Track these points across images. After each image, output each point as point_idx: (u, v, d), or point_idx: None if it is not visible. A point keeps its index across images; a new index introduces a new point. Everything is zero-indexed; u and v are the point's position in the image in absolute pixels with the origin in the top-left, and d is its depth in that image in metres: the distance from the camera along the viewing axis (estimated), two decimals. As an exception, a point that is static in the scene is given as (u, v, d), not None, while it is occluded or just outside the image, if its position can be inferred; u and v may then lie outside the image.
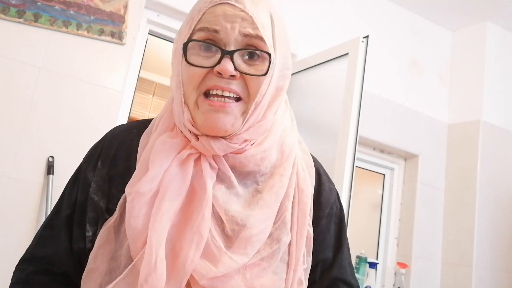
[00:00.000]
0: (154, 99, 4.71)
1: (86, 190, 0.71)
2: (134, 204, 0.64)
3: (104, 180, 0.71)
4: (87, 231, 0.70)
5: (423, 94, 2.93)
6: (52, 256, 0.71)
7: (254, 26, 0.64)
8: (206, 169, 0.66)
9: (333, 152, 1.92)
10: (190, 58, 0.65)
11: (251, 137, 0.68)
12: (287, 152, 0.72)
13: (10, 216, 1.73)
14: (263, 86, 0.65)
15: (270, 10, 0.68)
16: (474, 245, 2.64)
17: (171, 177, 0.65)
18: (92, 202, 0.70)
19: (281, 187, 0.69)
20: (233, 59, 0.63)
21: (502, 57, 2.98)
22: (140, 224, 0.63)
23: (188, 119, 0.66)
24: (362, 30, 2.50)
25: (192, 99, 0.66)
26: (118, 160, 0.72)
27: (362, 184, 3.16)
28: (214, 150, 0.66)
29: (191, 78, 0.65)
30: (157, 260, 0.60)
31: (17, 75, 1.81)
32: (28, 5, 1.84)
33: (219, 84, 0.63)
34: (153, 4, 2.19)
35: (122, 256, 0.65)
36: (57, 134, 1.84)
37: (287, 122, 0.75)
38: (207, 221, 0.63)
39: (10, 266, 1.79)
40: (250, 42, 0.65)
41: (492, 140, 2.83)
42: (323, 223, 0.76)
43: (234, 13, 0.64)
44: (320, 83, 2.18)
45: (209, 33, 0.64)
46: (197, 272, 0.62)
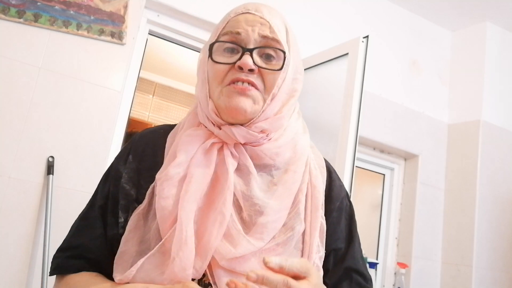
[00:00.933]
0: (154, 99, 4.71)
1: (118, 181, 0.78)
2: (163, 186, 0.71)
3: (134, 172, 0.78)
4: (119, 217, 0.76)
5: (423, 94, 2.93)
6: (87, 244, 0.77)
7: (271, 30, 0.74)
8: (228, 157, 0.73)
9: (333, 152, 1.92)
10: (215, 57, 0.74)
11: (269, 128, 0.75)
12: (299, 152, 0.79)
13: (10, 216, 1.73)
14: (279, 80, 0.74)
15: (284, 22, 0.79)
16: (474, 245, 2.64)
17: (197, 163, 0.73)
18: (123, 190, 0.77)
19: (294, 183, 0.75)
20: (252, 56, 0.72)
21: (502, 57, 2.98)
22: (170, 204, 0.70)
23: (212, 109, 0.74)
24: (362, 30, 2.50)
25: (217, 91, 0.74)
26: (146, 156, 0.80)
27: (362, 184, 3.16)
28: (235, 136, 0.73)
29: (216, 73, 0.74)
30: (187, 236, 0.67)
31: (17, 75, 1.81)
32: (28, 5, 1.84)
33: (240, 77, 0.72)
34: (153, 4, 2.19)
35: (151, 238, 0.72)
36: (57, 134, 1.84)
37: (299, 128, 0.83)
38: (229, 204, 0.70)
39: (10, 266, 1.79)
40: (268, 43, 0.74)
41: (492, 140, 2.83)
42: (334, 215, 0.81)
43: (254, 19, 0.74)
44: (320, 83, 2.18)
45: (232, 35, 0.74)
46: (218, 252, 0.68)
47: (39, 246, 1.75)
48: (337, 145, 1.92)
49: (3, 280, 1.69)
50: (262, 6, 0.77)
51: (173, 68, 4.37)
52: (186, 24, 2.30)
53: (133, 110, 2.58)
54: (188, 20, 2.29)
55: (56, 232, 1.75)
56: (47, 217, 1.73)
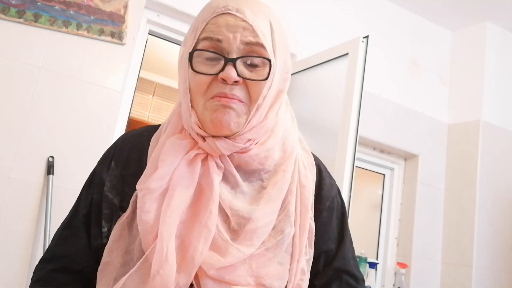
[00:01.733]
0: (154, 99, 4.71)
1: (101, 189, 0.75)
2: (145, 200, 0.68)
3: (117, 180, 0.76)
4: (103, 227, 0.74)
5: (423, 94, 2.93)
6: (72, 255, 0.75)
7: (254, 34, 0.68)
8: (213, 168, 0.70)
9: (333, 152, 1.92)
10: (196, 66, 0.69)
11: (254, 137, 0.72)
12: (289, 150, 0.76)
13: (10, 216, 1.73)
14: (264, 89, 0.69)
15: (269, 18, 0.72)
16: (474, 245, 2.64)
17: (180, 175, 0.69)
18: (106, 199, 0.74)
19: (285, 183, 0.73)
20: (235, 66, 0.67)
21: (502, 57, 2.98)
22: (151, 218, 0.67)
23: (195, 121, 0.70)
24: (362, 30, 2.50)
25: (201, 103, 0.70)
26: (131, 162, 0.77)
27: (362, 184, 3.16)
28: (220, 150, 0.69)
29: (198, 85, 0.69)
30: (168, 252, 0.64)
31: (17, 75, 1.81)
32: (28, 5, 1.84)
33: (224, 91, 0.67)
34: (153, 4, 2.19)
35: (135, 249, 0.69)
36: (57, 134, 1.84)
37: (288, 122, 0.79)
38: (214, 217, 0.67)
39: (10, 266, 1.78)
40: (252, 50, 0.69)
41: (492, 140, 2.83)
42: (324, 216, 0.79)
43: (236, 23, 0.68)
44: (320, 83, 2.17)
45: (212, 42, 0.68)
46: (206, 263, 0.65)
47: (39, 246, 1.75)
48: (337, 145, 1.92)
49: (3, 280, 1.69)
50: (244, 4, 0.69)
51: (173, 68, 4.36)
52: (186, 24, 2.30)
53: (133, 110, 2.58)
54: (188, 20, 2.29)
55: (56, 232, 1.75)
56: (47, 217, 1.73)
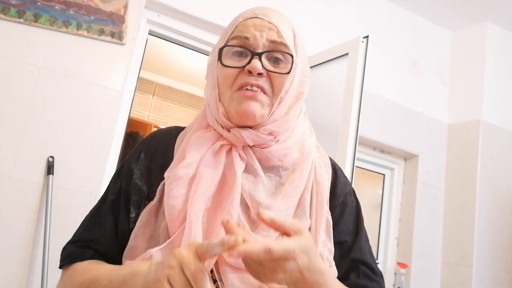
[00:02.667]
0: (154, 99, 4.71)
1: (130, 178, 0.80)
2: (172, 186, 0.73)
3: (146, 170, 0.80)
4: (131, 212, 0.78)
5: (423, 94, 2.93)
6: (98, 238, 0.79)
7: (279, 35, 0.76)
8: (236, 159, 0.75)
9: (333, 152, 1.92)
10: (224, 61, 0.76)
11: (277, 130, 0.77)
12: (306, 152, 0.81)
13: (10, 216, 1.73)
14: (287, 84, 0.76)
15: (292, 26, 0.81)
16: (474, 245, 2.64)
17: (206, 164, 0.74)
18: (136, 186, 0.79)
19: (302, 181, 0.77)
20: (261, 60, 0.74)
21: (502, 57, 2.98)
22: (178, 203, 0.71)
23: (222, 112, 0.76)
24: (362, 30, 2.50)
25: (227, 95, 0.76)
26: (157, 155, 0.82)
27: (362, 184, 3.16)
28: (244, 139, 0.75)
29: (226, 77, 0.75)
30: (196, 235, 0.68)
31: (17, 75, 1.81)
32: (28, 5, 1.84)
33: (249, 81, 0.73)
34: (153, 4, 2.19)
35: (160, 235, 0.73)
36: (57, 134, 1.84)
37: (306, 128, 0.85)
38: (236, 204, 0.71)
39: (10, 266, 1.79)
40: (276, 48, 0.76)
41: (492, 140, 2.83)
42: (337, 210, 0.83)
43: (262, 24, 0.76)
44: (320, 83, 2.17)
45: (241, 40, 0.76)
46: None
47: (39, 246, 1.75)
48: (337, 145, 1.92)
49: (3, 280, 1.69)
50: (270, 11, 0.78)
51: (173, 68, 4.37)
52: (186, 24, 2.30)
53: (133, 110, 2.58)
54: (188, 20, 2.29)
55: (56, 232, 1.75)
56: (47, 217, 1.73)
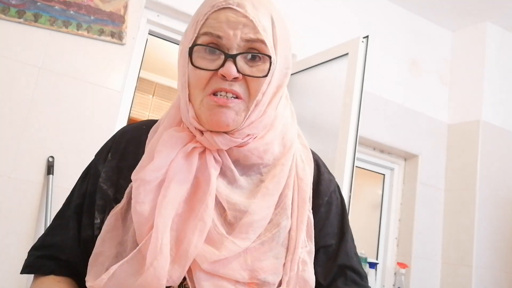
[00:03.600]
0: (154, 99, 4.71)
1: (96, 181, 0.75)
2: (140, 191, 0.67)
3: (113, 171, 0.75)
4: (96, 218, 0.74)
5: (423, 94, 2.93)
6: (60, 244, 0.75)
7: (255, 31, 0.67)
8: (210, 162, 0.70)
9: (333, 152, 1.92)
10: (195, 61, 0.68)
11: (253, 132, 0.71)
12: (288, 144, 0.76)
13: (10, 216, 1.73)
14: (264, 85, 0.69)
15: (271, 12, 0.71)
16: (474, 245, 2.64)
17: (177, 167, 0.69)
18: (101, 190, 0.74)
19: (283, 177, 0.72)
20: (235, 62, 0.66)
21: (502, 57, 2.98)
22: (146, 210, 0.66)
23: (192, 116, 0.70)
24: (362, 30, 2.51)
25: (199, 98, 0.69)
26: (128, 154, 0.77)
27: (362, 184, 3.16)
28: (217, 145, 0.69)
29: (198, 80, 0.68)
30: (163, 244, 0.63)
31: (17, 75, 1.81)
32: (28, 5, 1.84)
33: (223, 87, 0.67)
34: (153, 4, 2.19)
35: (128, 241, 0.69)
36: (57, 134, 1.84)
37: (287, 116, 0.78)
38: (210, 210, 0.66)
39: (10, 266, 1.78)
40: (252, 46, 0.68)
41: (492, 140, 2.83)
42: (322, 211, 0.78)
43: (237, 19, 0.67)
44: (320, 83, 2.17)
45: (212, 37, 0.67)
46: (200, 256, 0.65)
47: (39, 246, 1.75)
48: (337, 145, 1.92)
49: (3, 280, 1.69)
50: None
51: (173, 68, 4.37)
52: (186, 24, 2.30)
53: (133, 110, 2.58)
54: (188, 20, 2.28)
55: (56, 232, 1.75)
56: (47, 217, 1.73)
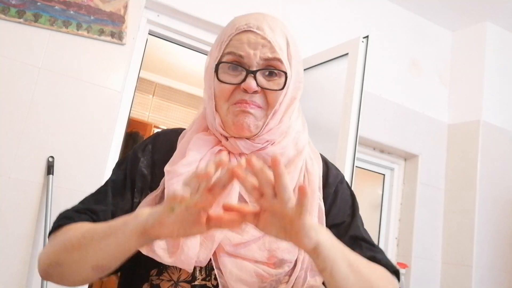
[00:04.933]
0: (154, 99, 4.72)
1: (135, 165, 0.85)
2: (173, 181, 0.77)
3: (151, 161, 0.86)
4: (135, 197, 0.82)
5: (423, 94, 2.93)
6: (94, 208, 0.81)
7: (272, 50, 0.79)
8: (234, 162, 0.80)
9: (333, 152, 1.92)
10: (221, 76, 0.80)
11: (271, 138, 0.82)
12: (301, 148, 0.86)
13: (10, 216, 1.73)
14: (280, 97, 0.80)
15: (285, 34, 0.83)
16: (474, 245, 2.64)
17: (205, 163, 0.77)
18: (141, 173, 0.84)
19: (295, 174, 0.82)
20: (255, 77, 0.78)
21: (502, 57, 2.98)
22: None
23: (219, 123, 0.81)
24: (362, 30, 2.50)
25: (224, 108, 0.80)
26: (162, 150, 0.87)
27: (362, 184, 3.16)
28: (240, 148, 0.80)
29: (222, 92, 0.80)
30: None
31: (17, 75, 1.81)
32: (28, 5, 1.84)
33: (245, 98, 0.78)
34: (153, 4, 2.19)
35: None
36: (57, 134, 1.84)
37: (299, 125, 0.89)
38: (234, 200, 0.76)
39: (10, 266, 1.78)
40: (270, 64, 0.79)
41: (492, 140, 2.83)
42: (332, 197, 0.88)
43: (256, 40, 0.79)
44: (320, 83, 2.17)
45: (235, 56, 0.79)
46: (225, 239, 0.75)
47: (39, 246, 1.75)
48: (337, 145, 1.92)
49: (3, 280, 1.69)
50: (263, 22, 0.81)
51: (173, 68, 4.37)
52: (186, 24, 2.30)
53: (133, 110, 2.58)
54: (188, 20, 2.29)
55: (56, 232, 1.75)
56: (47, 217, 1.73)
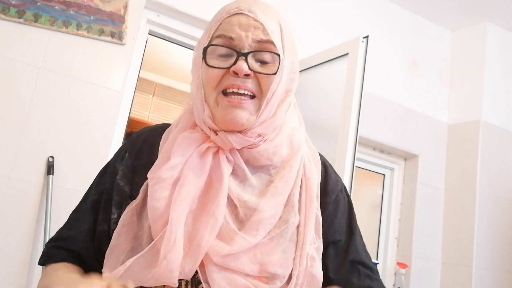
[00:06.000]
0: (154, 99, 4.71)
1: (113, 178, 0.79)
2: (156, 188, 0.71)
3: (129, 169, 0.80)
4: (113, 213, 0.77)
5: (423, 94, 2.93)
6: (73, 236, 0.79)
7: (265, 33, 0.73)
8: (223, 161, 0.73)
9: (333, 152, 1.92)
10: (209, 61, 0.73)
11: (264, 132, 0.75)
12: (296, 147, 0.80)
13: (10, 216, 1.73)
14: (274, 84, 0.73)
15: (279, 20, 0.77)
16: (474, 245, 2.64)
17: (192, 166, 0.73)
18: (118, 187, 0.78)
19: (291, 177, 0.76)
20: (247, 60, 0.71)
21: (502, 57, 2.98)
22: (161, 206, 0.70)
23: (208, 115, 0.74)
24: (362, 30, 2.50)
25: (212, 97, 0.74)
26: (142, 154, 0.81)
27: (362, 184, 3.16)
28: (231, 143, 0.73)
29: (210, 78, 0.73)
30: (176, 238, 0.67)
31: (17, 75, 1.81)
32: (28, 5, 1.84)
33: (236, 83, 0.71)
34: (153, 4, 2.19)
35: (143, 236, 0.72)
36: (57, 134, 1.84)
37: (295, 122, 0.83)
38: (222, 207, 0.70)
39: (10, 266, 1.78)
40: (262, 47, 0.73)
41: (492, 140, 2.83)
42: (330, 208, 0.81)
43: (248, 22, 0.72)
44: (320, 83, 2.17)
45: (225, 39, 0.73)
46: (212, 250, 0.68)
47: (39, 246, 1.75)
48: (337, 145, 1.92)
49: (3, 280, 1.69)
50: (255, 5, 0.74)
51: (173, 68, 4.37)
52: (186, 24, 2.30)
53: (133, 110, 2.58)
54: (188, 20, 2.29)
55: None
56: (47, 217, 1.73)
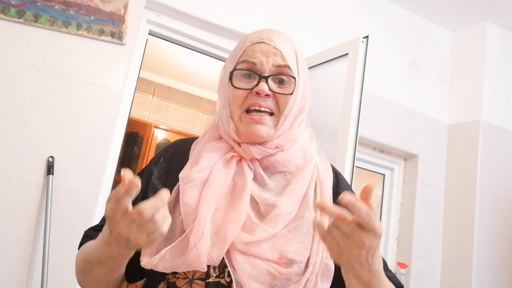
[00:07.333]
0: (154, 99, 4.72)
1: (149, 179, 0.90)
2: (187, 187, 0.83)
3: (163, 171, 0.91)
4: None
5: (423, 94, 2.93)
6: None
7: (283, 59, 0.85)
8: (246, 168, 0.85)
9: (333, 152, 1.92)
10: (235, 83, 0.86)
11: (281, 143, 0.87)
12: (309, 157, 0.91)
13: (10, 216, 1.73)
14: (290, 103, 0.85)
15: (294, 47, 0.89)
16: (474, 245, 2.64)
17: (218, 170, 0.84)
18: (153, 185, 0.89)
19: (305, 180, 0.87)
20: (267, 82, 0.83)
21: (502, 57, 2.98)
22: (192, 202, 0.81)
23: (233, 129, 0.87)
24: (362, 30, 2.50)
25: (237, 114, 0.86)
26: (175, 159, 0.93)
27: (362, 184, 3.14)
28: (252, 154, 0.85)
29: (236, 98, 0.85)
30: (205, 229, 0.78)
31: (17, 75, 1.81)
32: (28, 5, 1.84)
33: (257, 102, 0.84)
34: (153, 4, 2.19)
35: (176, 228, 0.82)
36: (57, 134, 1.84)
37: (307, 137, 0.95)
38: (246, 204, 0.81)
39: (10, 266, 1.78)
40: (280, 71, 0.85)
41: (492, 140, 2.83)
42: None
43: (268, 49, 0.85)
44: (320, 83, 2.17)
45: (249, 64, 0.85)
46: (237, 238, 0.79)
47: (39, 246, 1.75)
48: (337, 145, 1.92)
49: (3, 280, 1.69)
50: (274, 35, 0.87)
51: (173, 68, 4.37)
52: (186, 24, 2.30)
53: (133, 110, 2.58)
54: (188, 20, 2.29)
55: (56, 232, 1.75)
56: (47, 217, 1.73)
